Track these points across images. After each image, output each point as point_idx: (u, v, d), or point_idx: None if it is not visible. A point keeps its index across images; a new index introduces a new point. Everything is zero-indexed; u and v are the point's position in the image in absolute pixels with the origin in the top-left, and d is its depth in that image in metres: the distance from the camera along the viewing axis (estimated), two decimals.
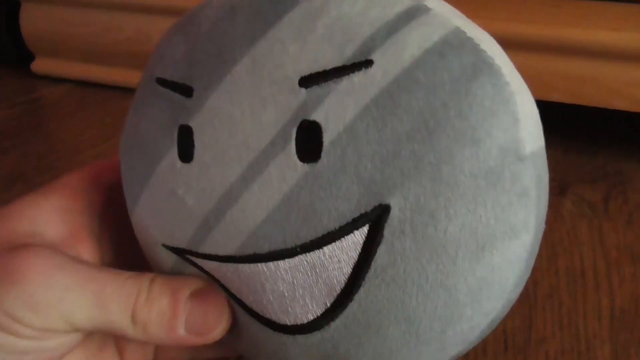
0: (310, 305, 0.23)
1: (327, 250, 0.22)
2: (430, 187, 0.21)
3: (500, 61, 0.22)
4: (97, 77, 0.84)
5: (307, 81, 0.22)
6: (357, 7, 0.22)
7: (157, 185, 0.24)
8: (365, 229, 0.21)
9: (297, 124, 0.22)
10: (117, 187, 0.28)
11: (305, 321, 0.23)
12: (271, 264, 0.23)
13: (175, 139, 0.24)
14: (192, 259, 0.25)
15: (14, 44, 0.89)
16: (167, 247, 0.25)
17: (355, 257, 0.22)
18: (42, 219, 0.26)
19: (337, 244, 0.22)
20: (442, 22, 0.22)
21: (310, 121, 0.22)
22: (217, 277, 0.25)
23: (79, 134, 0.70)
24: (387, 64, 0.21)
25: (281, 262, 0.22)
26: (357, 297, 0.22)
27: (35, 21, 0.85)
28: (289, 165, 0.22)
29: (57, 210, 0.27)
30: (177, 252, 0.25)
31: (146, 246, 0.26)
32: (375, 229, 0.21)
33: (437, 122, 0.21)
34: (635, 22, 0.57)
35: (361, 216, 0.21)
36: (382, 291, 0.22)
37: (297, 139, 0.22)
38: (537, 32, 0.58)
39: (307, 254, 0.22)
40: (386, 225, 0.21)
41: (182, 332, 0.24)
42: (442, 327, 0.23)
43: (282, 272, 0.23)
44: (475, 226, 0.21)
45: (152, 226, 0.25)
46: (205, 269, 0.25)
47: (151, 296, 0.24)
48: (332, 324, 0.23)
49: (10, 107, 0.78)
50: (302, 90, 0.22)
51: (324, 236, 0.22)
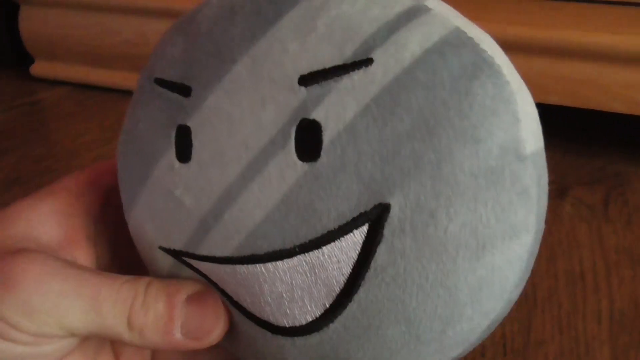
0: (309, 306, 0.23)
1: (327, 250, 0.22)
2: (430, 186, 0.21)
3: (500, 61, 0.22)
4: (95, 79, 0.84)
5: (307, 80, 0.21)
6: (357, 7, 0.22)
7: (154, 186, 0.24)
8: (365, 229, 0.21)
9: (297, 122, 0.22)
10: (114, 189, 0.28)
11: (303, 323, 0.23)
12: (270, 264, 0.22)
13: (173, 139, 0.24)
14: (189, 261, 0.25)
15: (13, 46, 0.90)
16: (164, 250, 0.25)
17: (354, 257, 0.22)
18: (38, 223, 0.26)
19: (336, 243, 0.22)
20: (443, 22, 0.22)
21: (310, 120, 0.21)
22: (214, 280, 0.24)
23: (78, 136, 0.70)
24: (388, 63, 0.21)
25: (280, 263, 0.22)
26: (356, 298, 0.22)
27: (34, 24, 0.85)
28: (288, 164, 0.22)
29: (53, 213, 0.26)
30: (174, 255, 0.25)
31: (143, 249, 0.26)
32: (375, 228, 0.21)
33: (438, 121, 0.21)
34: (634, 25, 0.57)
35: (361, 215, 0.21)
36: (381, 291, 0.22)
37: (296, 138, 0.22)
38: (536, 34, 0.58)
39: (306, 254, 0.22)
40: (386, 224, 0.21)
41: (178, 337, 0.24)
42: (442, 327, 0.22)
43: (281, 272, 0.22)
44: (475, 225, 0.21)
45: (148, 228, 0.25)
46: (202, 271, 0.25)
47: (147, 300, 0.24)
48: (331, 325, 0.23)
49: (8, 110, 0.78)
50: (302, 89, 0.21)
51: (323, 236, 0.22)
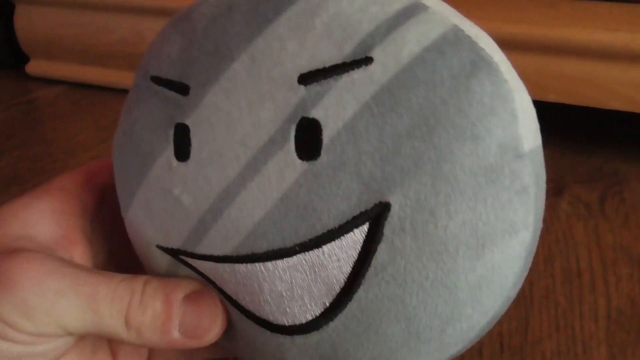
0: (309, 305, 0.23)
1: (327, 249, 0.22)
2: (430, 185, 0.21)
3: (498, 59, 0.22)
4: (91, 78, 0.84)
5: (306, 78, 0.21)
6: (355, 5, 0.22)
7: (152, 185, 0.24)
8: (365, 227, 0.21)
9: (296, 121, 0.22)
10: (110, 188, 0.28)
11: (303, 321, 0.23)
12: (269, 263, 0.22)
13: (171, 138, 0.24)
14: (187, 260, 0.24)
15: (9, 45, 0.89)
16: (162, 248, 0.25)
17: (355, 256, 0.22)
18: (34, 222, 0.26)
19: (336, 242, 0.22)
20: (441, 20, 0.22)
21: (309, 119, 0.21)
22: (212, 278, 0.24)
23: (74, 135, 0.70)
24: (387, 61, 0.21)
25: (279, 262, 0.22)
26: (356, 296, 0.22)
27: (29, 23, 0.85)
28: (287, 163, 0.22)
29: (49, 212, 0.26)
30: (172, 253, 0.25)
31: (140, 247, 0.26)
32: (375, 227, 0.21)
33: (437, 119, 0.21)
34: (631, 22, 0.57)
35: (361, 214, 0.21)
36: (382, 290, 0.22)
37: (296, 137, 0.22)
38: (534, 32, 0.58)
39: (306, 253, 0.22)
40: (386, 223, 0.21)
41: (176, 335, 0.24)
42: (441, 325, 0.22)
43: (281, 271, 0.22)
44: (475, 223, 0.21)
45: (146, 227, 0.25)
46: (200, 270, 0.24)
47: (144, 299, 0.24)
48: (331, 324, 0.23)
49: (4, 109, 0.78)
50: (301, 87, 0.21)
51: (323, 235, 0.22)
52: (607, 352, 0.37)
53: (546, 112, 0.23)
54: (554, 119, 0.63)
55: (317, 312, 0.23)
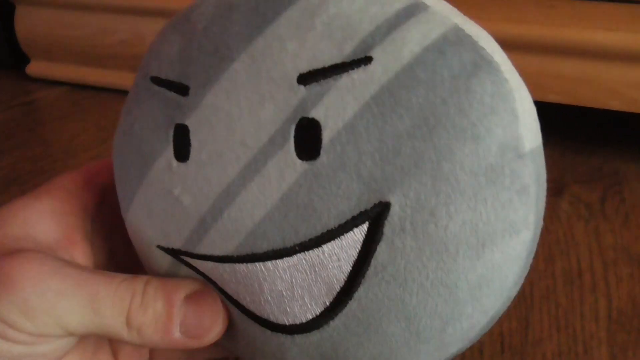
0: (309, 304, 0.23)
1: (327, 248, 0.22)
2: (430, 185, 0.21)
3: (498, 58, 0.22)
4: (91, 79, 0.84)
5: (306, 78, 0.21)
6: (355, 5, 0.22)
7: (152, 185, 0.24)
8: (365, 227, 0.21)
9: (296, 121, 0.22)
10: (110, 188, 0.28)
11: (304, 321, 0.23)
12: (269, 263, 0.22)
13: (170, 138, 0.24)
14: (187, 260, 0.24)
15: (9, 46, 0.89)
16: (162, 249, 0.25)
17: (355, 255, 0.22)
18: (35, 222, 0.26)
19: (336, 242, 0.22)
20: (441, 19, 0.22)
21: (309, 119, 0.21)
22: (213, 278, 0.24)
23: (74, 136, 0.70)
24: (387, 61, 0.21)
25: (280, 262, 0.22)
26: (356, 296, 0.22)
27: (30, 24, 0.85)
28: (287, 163, 0.22)
29: (50, 212, 0.26)
30: (172, 254, 0.25)
31: (140, 248, 0.26)
32: (375, 226, 0.21)
33: (437, 119, 0.21)
34: (631, 22, 0.57)
35: (361, 214, 0.21)
36: (382, 289, 0.22)
37: (296, 137, 0.22)
38: (533, 32, 0.58)
39: (306, 253, 0.22)
40: (386, 222, 0.21)
41: (177, 335, 0.24)
42: (442, 325, 0.22)
43: (281, 271, 0.22)
44: (475, 223, 0.21)
45: (146, 227, 0.25)
46: (200, 270, 0.24)
47: (145, 299, 0.24)
48: (332, 323, 0.23)
49: (4, 110, 0.78)
50: (301, 87, 0.21)
51: (323, 234, 0.22)
52: (608, 352, 0.37)
53: (546, 112, 0.23)
54: (554, 119, 0.63)
55: (318, 311, 0.23)
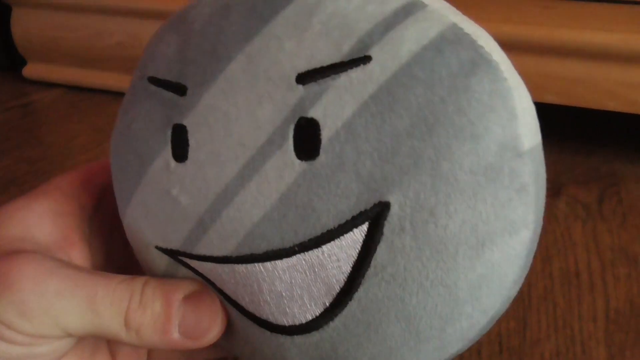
0: (308, 305, 0.23)
1: (326, 249, 0.22)
2: (430, 184, 0.21)
3: (497, 57, 0.22)
4: (88, 81, 0.84)
5: (304, 78, 0.21)
6: (353, 4, 0.22)
7: (150, 185, 0.24)
8: (364, 227, 0.21)
9: (295, 121, 0.21)
10: (108, 189, 0.28)
11: (303, 321, 0.23)
12: (268, 263, 0.22)
13: (168, 139, 0.24)
14: (185, 260, 0.24)
15: (5, 49, 0.89)
16: (160, 249, 0.25)
17: (354, 256, 0.22)
18: (33, 223, 0.26)
19: (336, 242, 0.22)
20: (439, 18, 0.21)
21: (307, 118, 0.21)
22: (211, 279, 0.24)
23: (71, 138, 0.70)
24: (385, 60, 0.21)
25: (279, 262, 0.22)
26: (356, 296, 0.22)
27: (26, 26, 0.85)
28: (286, 163, 0.22)
29: (47, 213, 0.26)
30: (171, 254, 0.25)
31: (138, 248, 0.26)
32: (374, 226, 0.21)
33: (436, 118, 0.21)
34: (628, 23, 0.57)
35: (360, 214, 0.21)
36: (381, 289, 0.22)
37: (294, 137, 0.22)
38: (531, 33, 0.59)
39: (305, 253, 0.22)
40: (386, 222, 0.21)
41: (176, 336, 0.24)
42: (441, 324, 0.22)
43: (280, 272, 0.22)
44: (475, 223, 0.21)
45: (144, 227, 0.25)
46: (199, 270, 0.24)
47: (144, 300, 0.24)
48: (331, 324, 0.23)
49: (1, 112, 0.78)
50: (299, 87, 0.21)
51: (322, 235, 0.21)
52: (606, 353, 0.37)
53: (544, 113, 0.23)
54: (552, 120, 0.63)
55: (317, 312, 0.23)
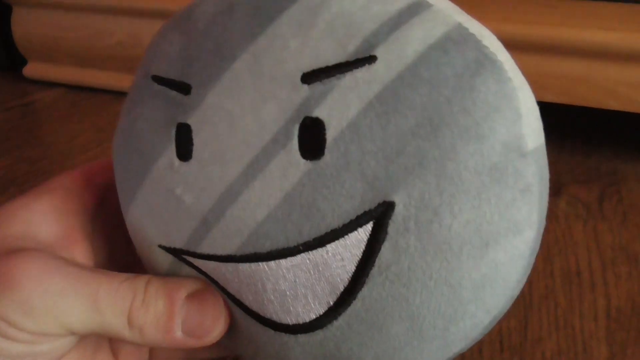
0: (312, 304, 0.23)
1: (331, 248, 0.22)
2: (434, 184, 0.21)
3: (502, 57, 0.22)
4: (89, 81, 0.84)
5: (309, 77, 0.21)
6: (358, 3, 0.22)
7: (153, 184, 0.24)
8: (369, 227, 0.21)
9: (300, 120, 0.21)
10: (110, 188, 0.28)
11: (307, 320, 0.23)
12: (272, 262, 0.22)
13: (172, 138, 0.24)
14: (189, 259, 0.24)
15: (6, 48, 0.89)
16: (163, 248, 0.25)
17: (359, 255, 0.22)
18: (35, 221, 0.26)
19: (340, 241, 0.22)
20: (444, 18, 0.22)
21: (312, 118, 0.21)
22: (215, 278, 0.24)
23: (72, 138, 0.70)
24: (391, 60, 0.21)
25: (283, 261, 0.22)
26: (360, 295, 0.22)
27: (27, 26, 0.85)
28: (291, 162, 0.22)
29: (50, 211, 0.26)
30: (174, 253, 0.25)
31: (141, 247, 0.26)
32: (379, 226, 0.21)
33: (441, 118, 0.21)
34: (629, 21, 0.57)
35: (365, 213, 0.21)
36: (385, 289, 0.22)
37: (299, 136, 0.22)
38: (531, 32, 0.59)
39: (309, 252, 0.22)
40: (390, 222, 0.21)
41: (178, 335, 0.24)
42: (445, 324, 0.22)
43: (284, 270, 0.22)
44: (479, 223, 0.21)
45: (147, 226, 0.25)
46: (202, 269, 0.24)
47: (147, 298, 0.24)
48: (335, 323, 0.23)
49: (2, 112, 0.78)
50: (304, 86, 0.21)
51: (327, 234, 0.22)
52: (607, 351, 0.37)
53: (544, 112, 0.23)
54: (552, 119, 0.63)
55: (321, 311, 0.23)
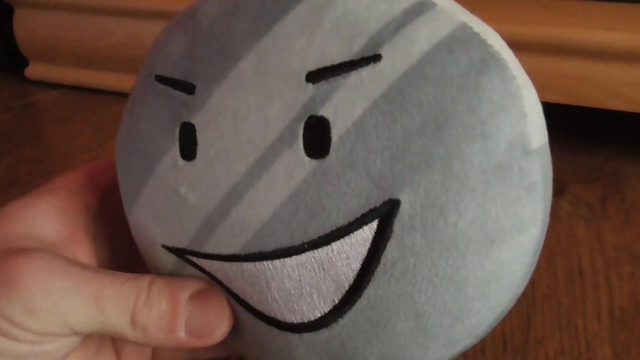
0: (317, 302, 0.23)
1: (336, 246, 0.22)
2: (440, 182, 0.21)
3: (506, 56, 0.22)
4: (90, 82, 0.84)
5: (314, 76, 0.21)
6: (363, 3, 0.22)
7: (157, 184, 0.24)
8: (374, 225, 0.21)
9: (305, 119, 0.22)
10: (112, 187, 0.28)
11: (312, 319, 0.23)
12: (277, 261, 0.22)
13: (176, 137, 0.24)
14: (192, 259, 0.24)
15: (7, 49, 0.89)
16: (167, 248, 0.25)
17: (364, 253, 0.22)
18: (38, 221, 0.26)
19: (345, 240, 0.22)
20: (449, 17, 0.22)
21: (318, 117, 0.21)
22: (218, 278, 0.24)
23: (73, 138, 0.70)
24: (396, 59, 0.21)
25: (288, 260, 0.22)
26: (366, 293, 0.22)
27: (28, 26, 0.85)
28: (296, 161, 0.22)
29: (53, 211, 0.26)
30: (177, 253, 0.25)
31: (144, 247, 0.26)
32: (384, 224, 0.21)
33: (447, 117, 0.21)
34: (631, 22, 0.57)
35: (370, 212, 0.21)
36: (391, 287, 0.22)
37: (304, 135, 0.22)
38: (533, 32, 0.58)
39: (315, 251, 0.22)
40: (396, 220, 0.21)
41: (182, 335, 0.24)
42: (450, 322, 0.22)
43: (289, 269, 0.22)
44: (484, 220, 0.21)
45: (151, 226, 0.25)
46: (206, 269, 0.24)
47: (150, 298, 0.24)
48: (340, 321, 0.23)
49: (3, 112, 0.78)
50: (310, 85, 0.21)
51: (332, 232, 0.22)
52: (611, 351, 0.37)
53: (546, 112, 0.23)
54: (554, 119, 0.63)
55: (326, 309, 0.23)
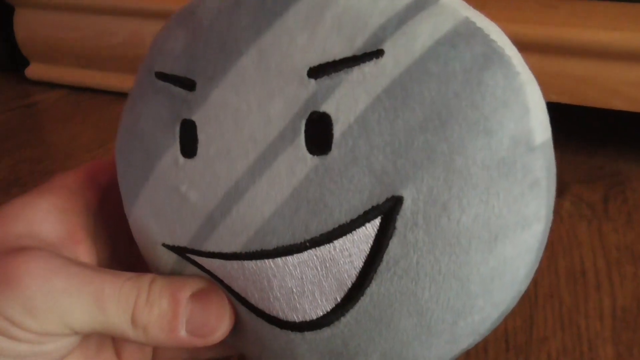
0: (319, 300, 0.23)
1: (338, 244, 0.22)
2: (443, 178, 0.21)
3: (510, 51, 0.22)
4: (91, 82, 0.84)
5: (316, 72, 0.21)
6: None
7: (157, 182, 0.24)
8: (377, 221, 0.21)
9: (307, 115, 0.21)
10: (112, 186, 0.28)
11: (314, 317, 0.23)
12: (279, 259, 0.22)
13: (177, 134, 0.23)
14: (193, 258, 0.24)
15: (8, 49, 0.89)
16: (167, 247, 0.25)
17: (366, 250, 0.22)
18: (37, 220, 0.26)
19: (348, 237, 0.21)
20: (452, 12, 0.21)
21: (320, 113, 0.21)
22: (219, 276, 0.24)
23: (74, 138, 0.70)
24: (399, 54, 0.21)
25: (289, 258, 0.22)
26: (368, 291, 0.22)
27: (29, 26, 0.85)
28: (298, 158, 0.21)
29: (53, 210, 0.26)
30: (178, 252, 0.25)
31: (145, 246, 0.26)
32: (387, 221, 0.21)
33: (450, 113, 0.20)
34: (633, 21, 0.57)
35: (373, 208, 0.21)
36: (394, 284, 0.22)
37: (306, 131, 0.21)
38: (535, 32, 0.58)
39: (317, 249, 0.22)
40: (398, 217, 0.21)
41: (183, 334, 0.24)
42: (453, 318, 0.22)
43: (291, 267, 0.22)
44: (488, 217, 0.21)
45: (151, 225, 0.25)
46: (207, 268, 0.24)
47: (151, 298, 0.24)
48: (343, 319, 0.23)
49: (4, 112, 0.78)
50: (312, 81, 0.21)
51: (334, 230, 0.21)
52: (613, 351, 0.37)
53: (548, 112, 0.23)
54: (555, 119, 0.63)
55: (328, 307, 0.23)
